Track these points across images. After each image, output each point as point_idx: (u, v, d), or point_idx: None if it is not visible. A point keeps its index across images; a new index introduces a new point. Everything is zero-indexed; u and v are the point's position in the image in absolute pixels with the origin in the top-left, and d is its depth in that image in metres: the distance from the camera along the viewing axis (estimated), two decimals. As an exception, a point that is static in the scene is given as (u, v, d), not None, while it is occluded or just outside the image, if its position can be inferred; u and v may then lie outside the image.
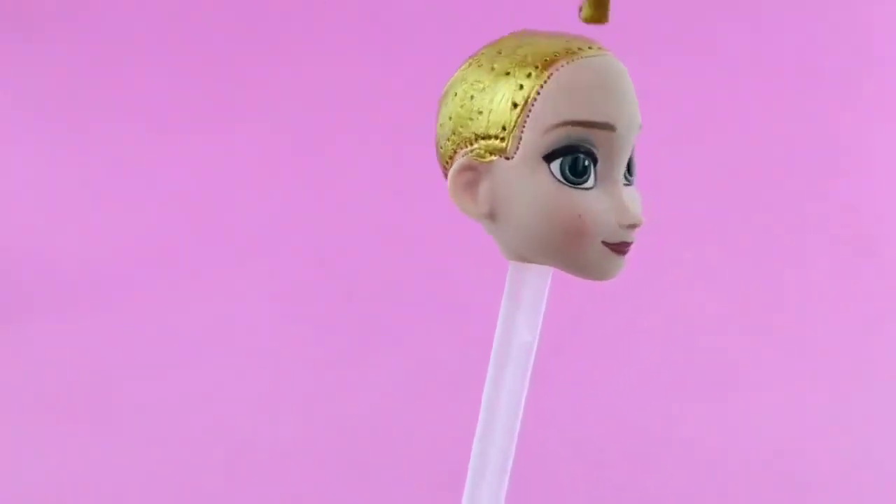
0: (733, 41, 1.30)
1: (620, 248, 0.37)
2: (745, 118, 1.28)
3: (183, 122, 1.30)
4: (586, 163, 0.36)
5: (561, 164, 0.36)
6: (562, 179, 0.36)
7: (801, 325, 1.10)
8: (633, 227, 0.37)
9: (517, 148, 0.36)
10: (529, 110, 0.36)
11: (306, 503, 0.76)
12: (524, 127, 0.36)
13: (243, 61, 1.31)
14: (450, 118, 0.38)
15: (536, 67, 0.36)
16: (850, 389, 0.96)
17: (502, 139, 0.37)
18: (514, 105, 0.36)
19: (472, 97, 0.37)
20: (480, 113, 0.37)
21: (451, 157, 0.39)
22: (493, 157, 0.37)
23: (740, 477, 0.80)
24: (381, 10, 1.31)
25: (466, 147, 0.38)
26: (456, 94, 0.38)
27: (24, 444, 0.86)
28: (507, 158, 0.37)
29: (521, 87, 0.36)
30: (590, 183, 0.36)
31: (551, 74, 0.36)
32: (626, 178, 0.38)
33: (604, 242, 0.37)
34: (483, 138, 0.37)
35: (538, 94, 0.36)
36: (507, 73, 0.37)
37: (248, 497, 0.77)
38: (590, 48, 0.37)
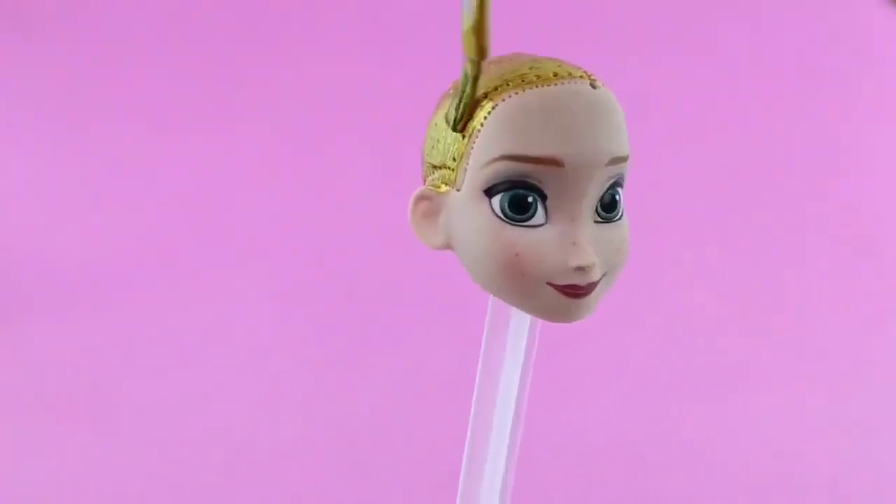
0: (733, 41, 1.30)
1: (569, 290, 0.34)
2: (745, 118, 1.28)
3: (183, 122, 1.30)
4: (530, 199, 0.33)
5: (501, 200, 0.33)
6: (501, 215, 0.33)
7: (801, 326, 1.10)
8: (581, 269, 0.33)
9: (464, 180, 0.35)
10: (474, 141, 0.34)
11: (306, 503, 0.76)
12: (469, 159, 0.34)
13: (243, 61, 1.31)
14: (424, 145, 0.38)
15: (485, 96, 0.34)
16: (850, 390, 0.96)
17: (452, 170, 0.35)
18: (463, 135, 0.35)
19: (436, 125, 0.36)
20: (438, 142, 0.36)
21: (423, 184, 0.38)
22: (447, 188, 0.36)
23: (740, 478, 0.80)
24: (381, 10, 1.31)
25: (430, 176, 0.37)
26: (430, 121, 0.37)
27: (24, 444, 0.86)
28: (458, 190, 0.35)
29: (471, 116, 0.34)
30: (538, 220, 0.33)
31: (496, 104, 0.34)
32: (599, 214, 0.35)
33: (550, 284, 0.34)
34: (439, 168, 0.36)
35: (482, 124, 0.34)
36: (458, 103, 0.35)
37: (248, 497, 0.77)
38: (555, 75, 0.34)
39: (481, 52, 0.32)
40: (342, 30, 1.32)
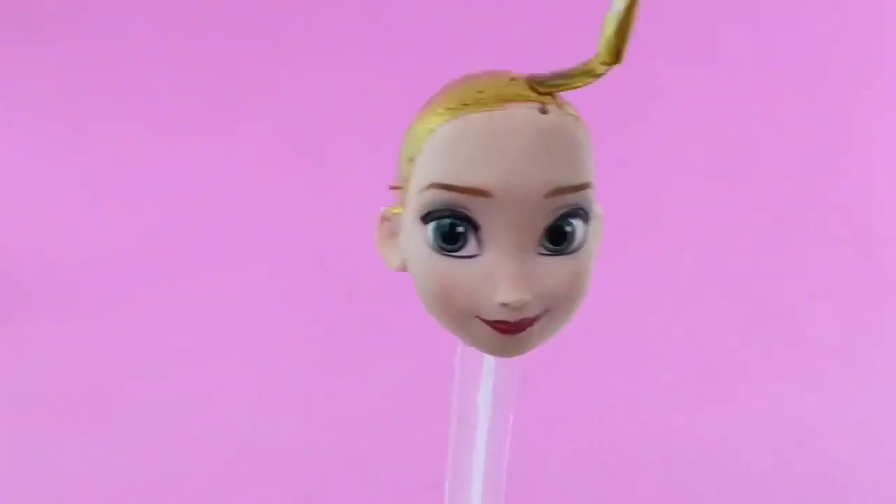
0: (733, 41, 1.30)
1: (499, 326, 0.32)
2: (745, 118, 1.28)
3: (183, 122, 1.30)
4: (460, 229, 0.32)
5: (434, 229, 0.32)
6: (434, 245, 0.32)
7: (801, 326, 1.10)
8: (506, 305, 0.31)
9: (408, 205, 0.34)
10: (416, 166, 0.33)
11: (306, 503, 0.76)
12: (411, 183, 0.33)
13: (243, 61, 1.31)
14: None
15: (429, 121, 0.33)
16: (851, 390, 0.96)
17: (406, 192, 0.34)
18: (409, 159, 0.33)
19: (404, 141, 0.35)
20: (399, 162, 0.35)
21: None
22: (402, 210, 0.35)
23: (740, 479, 0.80)
24: (381, 10, 1.31)
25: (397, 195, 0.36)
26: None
27: (24, 444, 0.86)
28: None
29: (416, 139, 0.33)
30: (469, 251, 0.32)
31: (434, 130, 0.32)
32: (545, 247, 0.32)
33: (479, 318, 0.32)
34: (398, 189, 0.35)
35: (421, 150, 0.33)
36: (414, 125, 0.34)
37: (248, 497, 0.77)
38: (499, 99, 0.32)
39: None
40: (342, 30, 1.32)
